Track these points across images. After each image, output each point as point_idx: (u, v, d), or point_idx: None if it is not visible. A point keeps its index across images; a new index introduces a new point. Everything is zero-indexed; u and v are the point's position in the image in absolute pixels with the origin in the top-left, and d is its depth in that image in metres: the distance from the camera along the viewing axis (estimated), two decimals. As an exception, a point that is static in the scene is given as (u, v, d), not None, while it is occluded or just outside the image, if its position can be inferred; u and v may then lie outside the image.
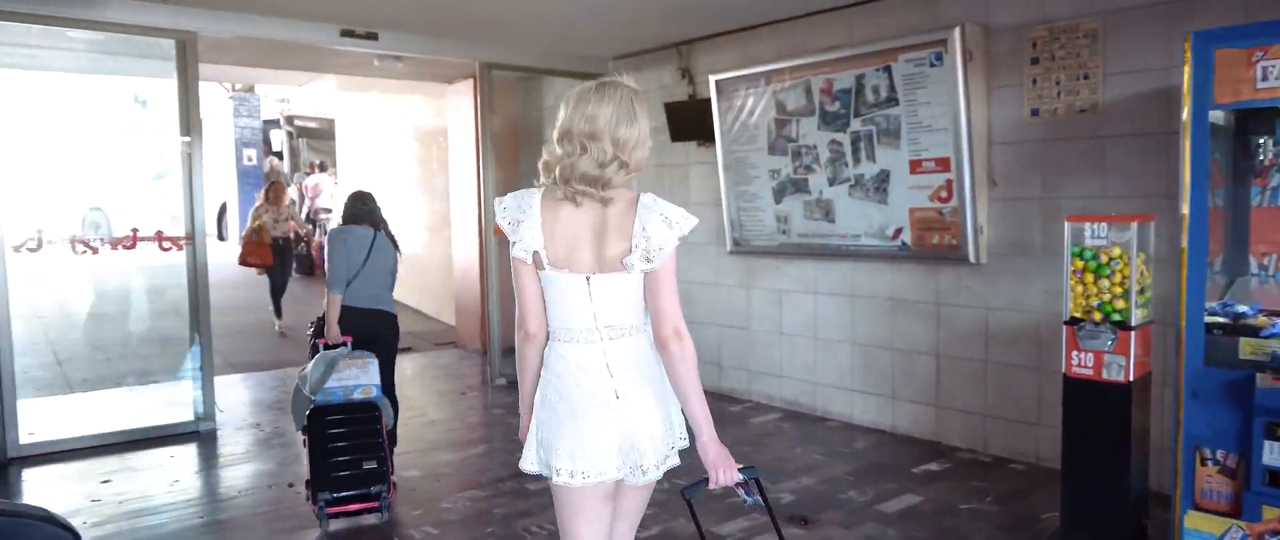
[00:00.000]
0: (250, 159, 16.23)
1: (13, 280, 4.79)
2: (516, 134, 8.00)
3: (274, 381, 6.83)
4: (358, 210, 4.36)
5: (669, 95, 6.34)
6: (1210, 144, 3.03)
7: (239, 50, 6.92)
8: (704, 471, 2.00)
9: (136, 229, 5.21)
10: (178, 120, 5.24)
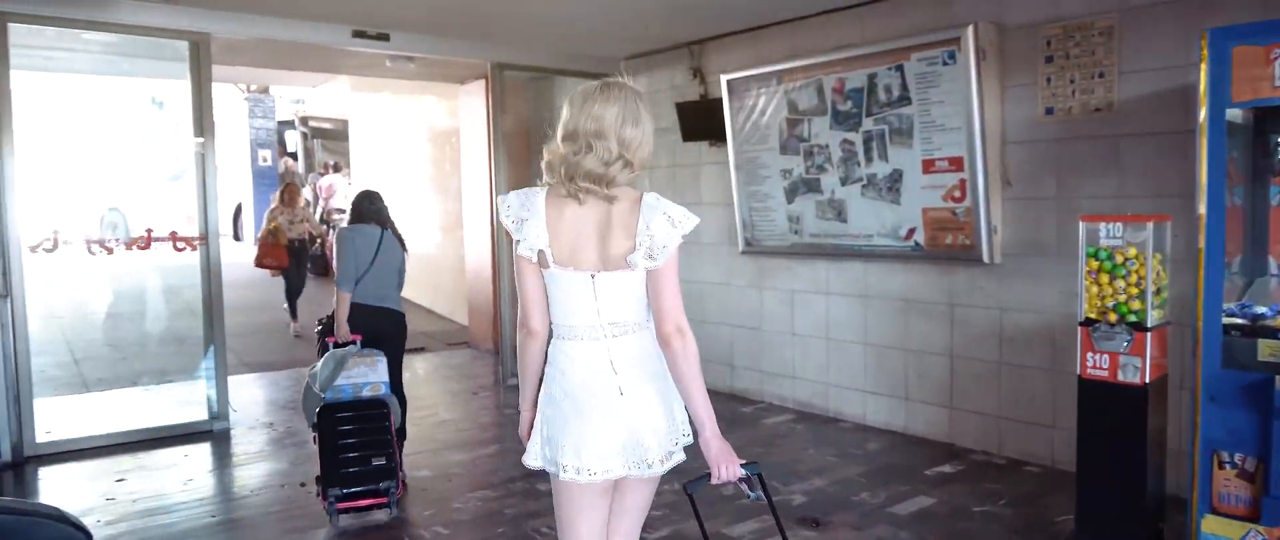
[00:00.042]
0: (265, 160, 16.33)
1: (31, 280, 4.84)
2: (528, 134, 8.01)
3: (288, 381, 6.86)
4: (365, 209, 4.41)
5: (680, 95, 6.33)
6: (1228, 142, 2.99)
7: (252, 51, 6.97)
8: (706, 467, 2.02)
9: (151, 229, 5.24)
10: (191, 121, 5.28)
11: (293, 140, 16.99)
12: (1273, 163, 3.32)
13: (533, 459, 2.12)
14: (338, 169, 14.58)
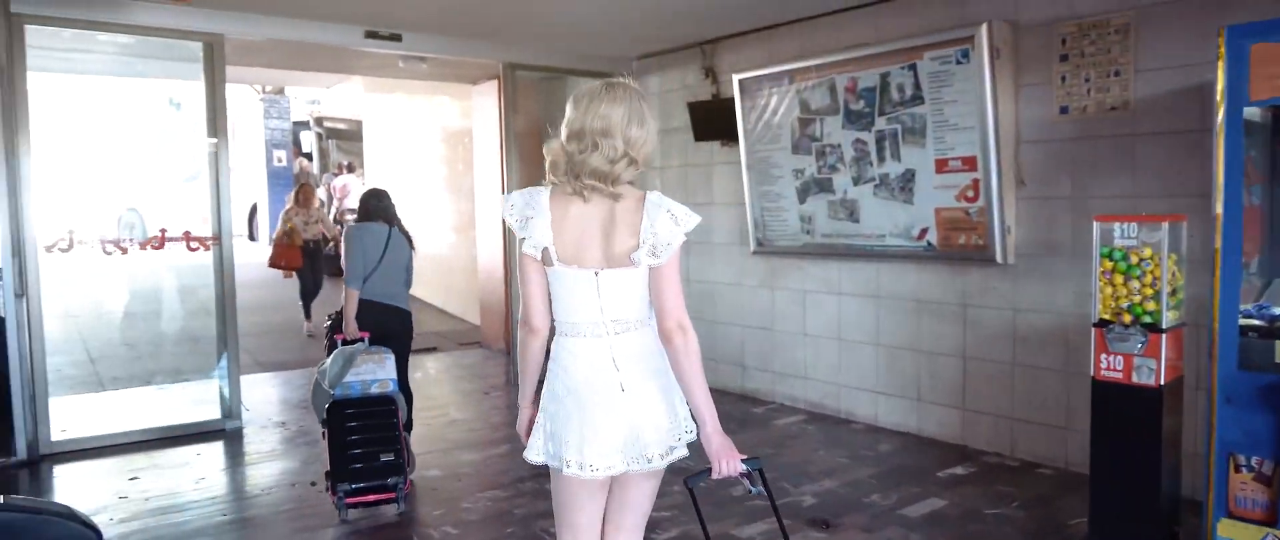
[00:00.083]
0: (280, 160, 16.43)
1: (48, 280, 4.88)
2: (540, 134, 7.94)
3: (301, 380, 6.88)
4: (373, 207, 4.48)
5: (692, 95, 6.32)
6: (1245, 141, 2.95)
7: (266, 52, 7.01)
8: (707, 462, 2.04)
9: (165, 229, 5.28)
10: (205, 121, 5.31)
11: (308, 141, 17.08)
12: (1291, 162, 3.27)
13: (535, 454, 2.16)
14: (352, 169, 14.65)
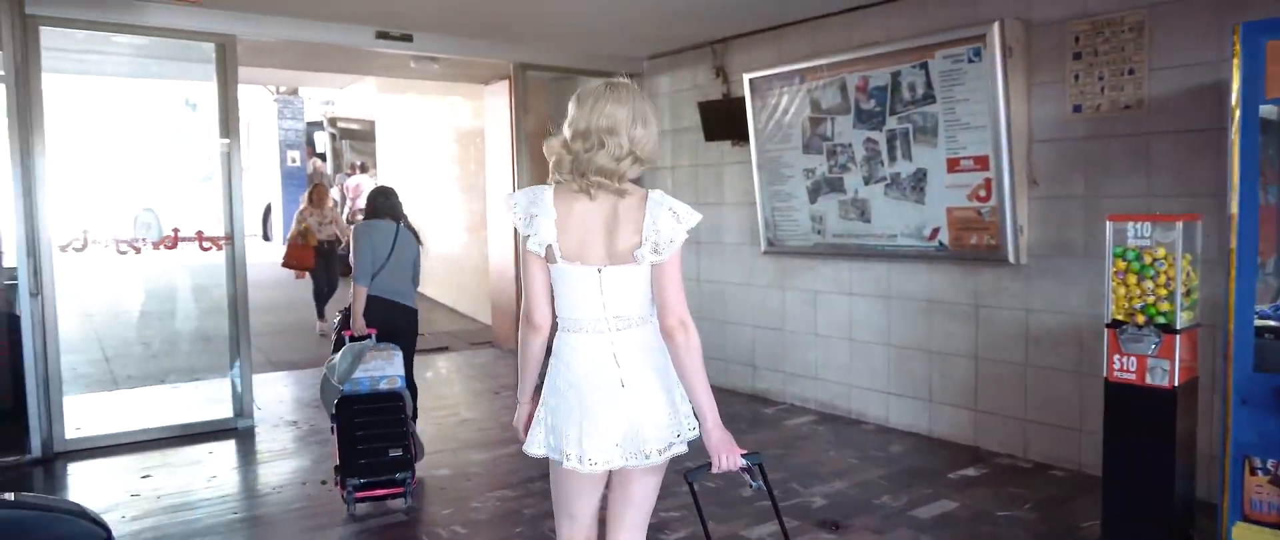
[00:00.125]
0: (294, 160, 16.51)
1: (63, 280, 4.92)
2: (551, 134, 8.01)
3: (313, 379, 6.89)
4: (381, 205, 4.60)
5: (703, 94, 6.30)
6: (1261, 140, 2.92)
7: (278, 53, 7.04)
8: (708, 456, 2.07)
9: (177, 229, 5.31)
10: (217, 122, 5.34)
11: (321, 141, 17.17)
12: (1308, 160, 3.23)
13: (535, 447, 2.19)
14: (365, 169, 14.71)
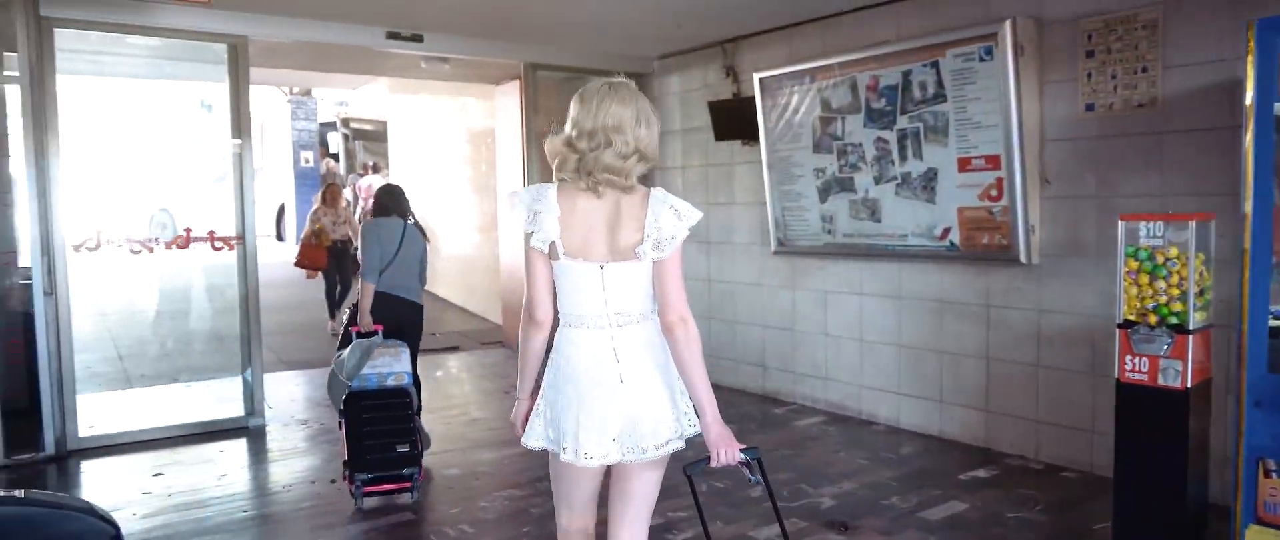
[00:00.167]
0: (307, 161, 16.58)
1: (78, 279, 4.96)
2: (554, 133, 8.01)
3: (325, 379, 6.93)
4: (388, 203, 4.69)
5: (713, 94, 6.29)
6: (1276, 138, 2.88)
7: (291, 54, 7.07)
8: (707, 451, 2.11)
9: (189, 229, 5.35)
10: (229, 122, 5.37)
11: (335, 141, 17.24)
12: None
13: (534, 440, 2.23)
14: (377, 170, 14.76)
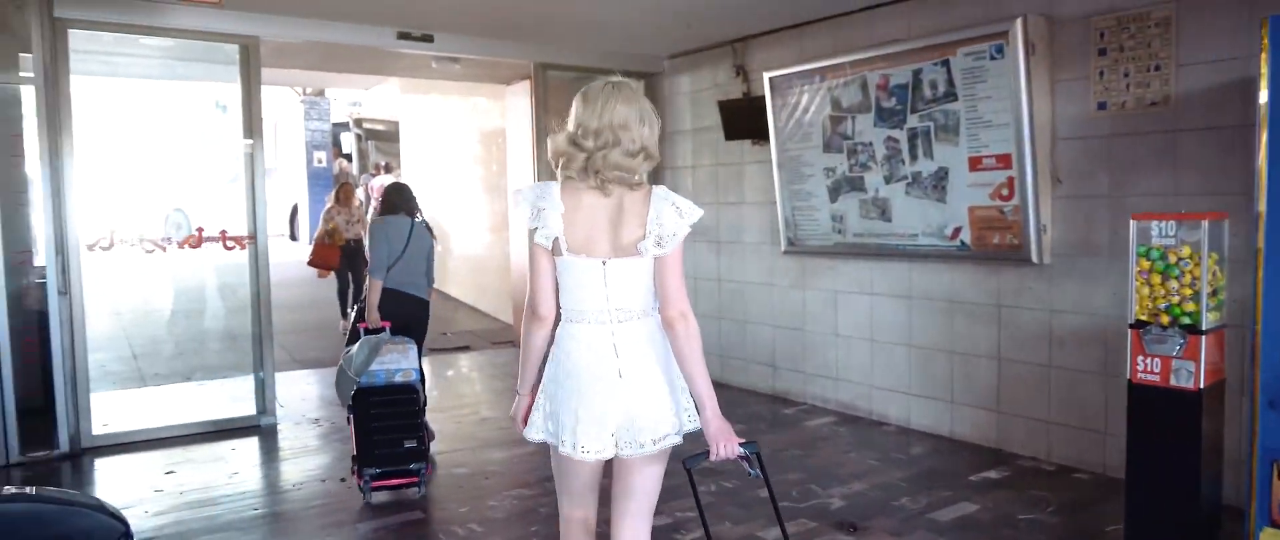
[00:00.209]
0: (320, 161, 16.67)
1: (92, 279, 5.01)
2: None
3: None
4: (396, 201, 4.78)
5: (723, 93, 6.28)
6: (1290, 136, 2.85)
7: (303, 54, 7.10)
8: (707, 446, 2.15)
9: (201, 228, 5.38)
10: (241, 123, 5.41)
11: (347, 142, 17.32)
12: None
13: (535, 432, 2.26)
14: (389, 169, 14.83)
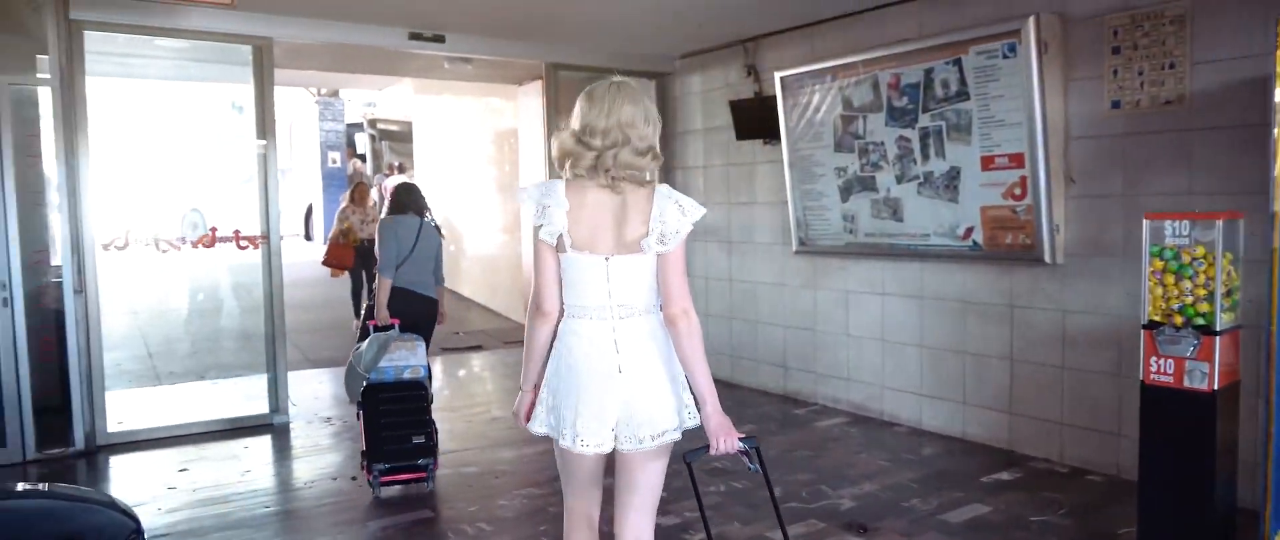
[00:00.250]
0: (334, 161, 16.76)
1: (108, 278, 5.05)
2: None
3: (349, 377, 7.00)
4: (405, 201, 4.82)
5: (734, 93, 6.27)
6: (1305, 135, 2.82)
7: (316, 55, 7.15)
8: (707, 441, 2.19)
9: (215, 228, 5.42)
10: (254, 123, 5.44)
11: (362, 142, 17.40)
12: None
13: (538, 425, 2.31)
14: (402, 170, 14.88)
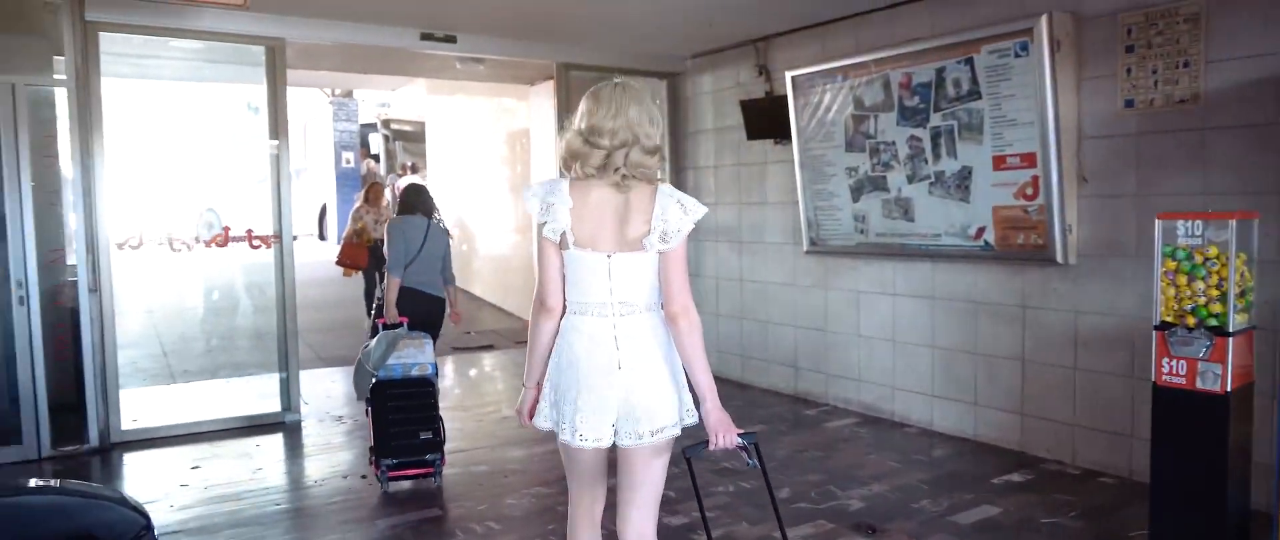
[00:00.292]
0: (348, 161, 16.84)
1: (124, 277, 5.10)
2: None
3: (360, 376, 7.03)
4: (413, 201, 4.92)
5: (745, 93, 6.26)
6: (1321, 134, 2.79)
7: (329, 56, 7.19)
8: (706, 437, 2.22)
9: (228, 228, 5.46)
10: (267, 123, 5.48)
11: (375, 142, 17.48)
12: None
13: (541, 420, 2.33)
14: (415, 170, 14.94)
